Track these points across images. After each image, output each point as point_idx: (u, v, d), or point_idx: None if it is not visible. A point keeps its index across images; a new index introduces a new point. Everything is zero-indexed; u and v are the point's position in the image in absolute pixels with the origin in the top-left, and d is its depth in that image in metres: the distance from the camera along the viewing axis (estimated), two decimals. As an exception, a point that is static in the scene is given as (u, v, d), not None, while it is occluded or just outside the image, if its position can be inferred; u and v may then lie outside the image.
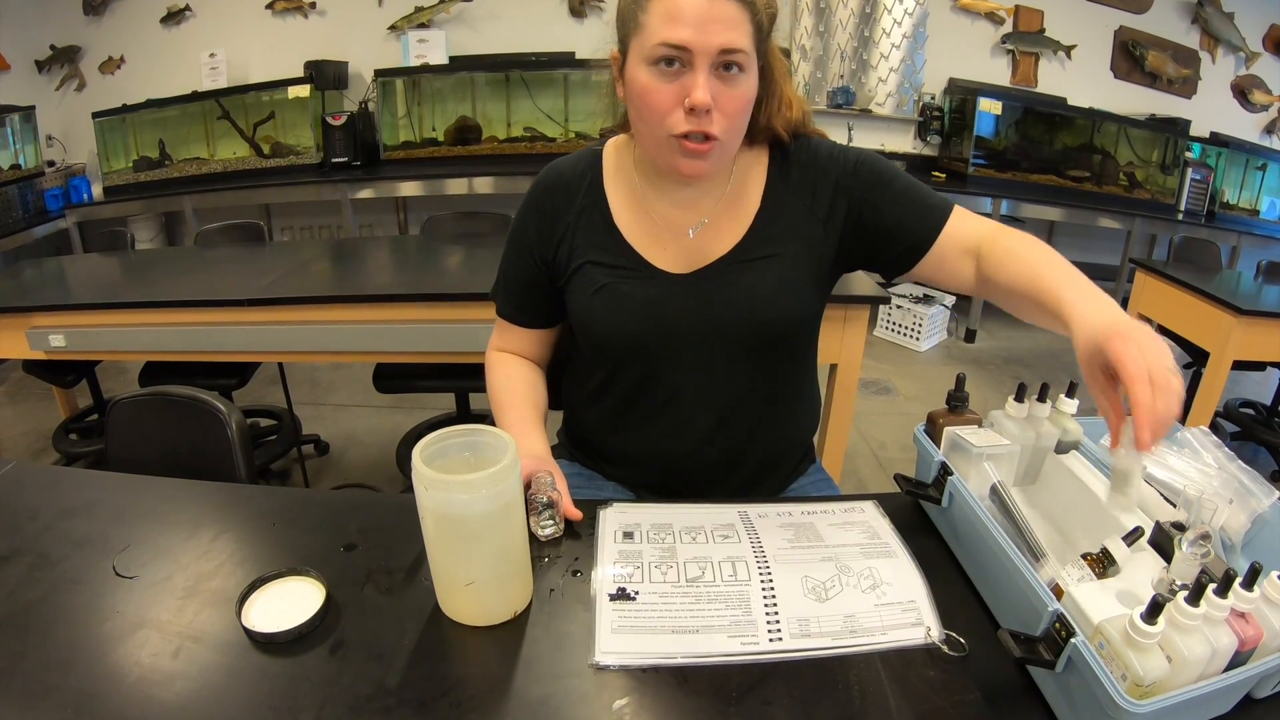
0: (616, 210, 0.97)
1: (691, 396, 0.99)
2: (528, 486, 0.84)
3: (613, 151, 1.00)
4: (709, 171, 0.89)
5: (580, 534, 0.86)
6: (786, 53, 0.91)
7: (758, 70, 0.86)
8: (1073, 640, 0.58)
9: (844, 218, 0.95)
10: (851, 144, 0.99)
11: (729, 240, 0.95)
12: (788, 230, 0.95)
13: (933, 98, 4.24)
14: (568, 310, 1.02)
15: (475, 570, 0.70)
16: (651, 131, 0.86)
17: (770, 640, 0.70)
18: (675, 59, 0.80)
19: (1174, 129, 4.09)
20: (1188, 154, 4.09)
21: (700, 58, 0.79)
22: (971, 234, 0.91)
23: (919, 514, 0.92)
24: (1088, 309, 0.69)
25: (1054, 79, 4.25)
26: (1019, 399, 0.88)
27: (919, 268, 0.94)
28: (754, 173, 0.97)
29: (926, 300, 3.88)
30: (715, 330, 0.95)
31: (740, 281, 0.94)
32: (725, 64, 0.80)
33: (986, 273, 0.87)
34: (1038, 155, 4.12)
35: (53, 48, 4.07)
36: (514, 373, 1.07)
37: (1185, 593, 0.57)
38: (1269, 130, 4.34)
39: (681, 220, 0.96)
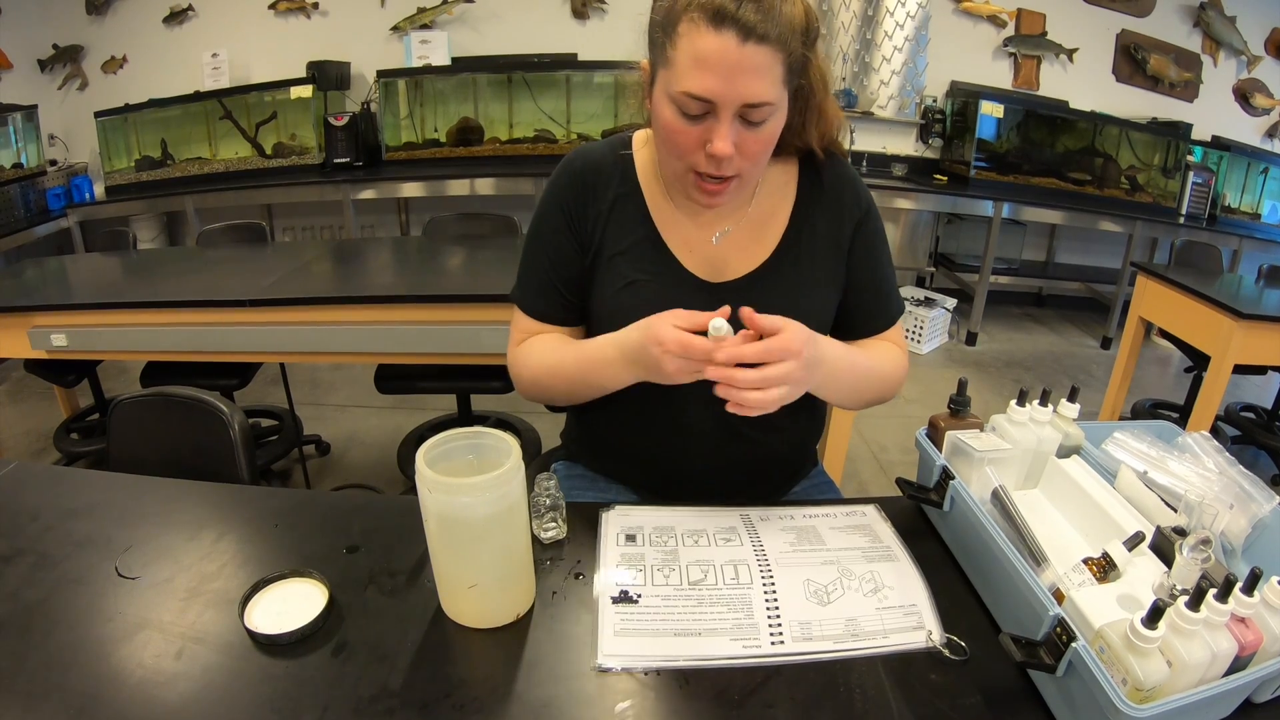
0: (650, 204, 0.97)
1: (697, 399, 0.99)
2: (530, 489, 0.84)
3: (643, 147, 0.99)
4: (726, 202, 0.90)
5: (583, 537, 0.86)
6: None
7: (792, 94, 0.84)
8: (1074, 644, 0.59)
9: (848, 254, 0.99)
10: (853, 147, 0.99)
11: (757, 256, 0.96)
12: (814, 250, 0.97)
13: (934, 100, 4.25)
14: (590, 302, 0.99)
15: (478, 572, 0.70)
16: (671, 162, 0.87)
17: (772, 643, 0.71)
18: (699, 108, 0.79)
19: (1175, 132, 4.09)
20: (1189, 157, 4.09)
21: (725, 109, 0.78)
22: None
23: (920, 518, 0.92)
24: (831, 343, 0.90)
25: (1056, 82, 4.26)
26: (1020, 403, 0.88)
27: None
28: (784, 189, 0.98)
29: (928, 303, 3.88)
30: None
31: (765, 299, 0.94)
32: (751, 111, 0.79)
33: None
34: (1039, 158, 4.12)
35: (55, 47, 4.07)
36: (549, 338, 0.99)
37: (1186, 597, 0.58)
38: (1270, 134, 4.35)
39: (705, 228, 0.97)
